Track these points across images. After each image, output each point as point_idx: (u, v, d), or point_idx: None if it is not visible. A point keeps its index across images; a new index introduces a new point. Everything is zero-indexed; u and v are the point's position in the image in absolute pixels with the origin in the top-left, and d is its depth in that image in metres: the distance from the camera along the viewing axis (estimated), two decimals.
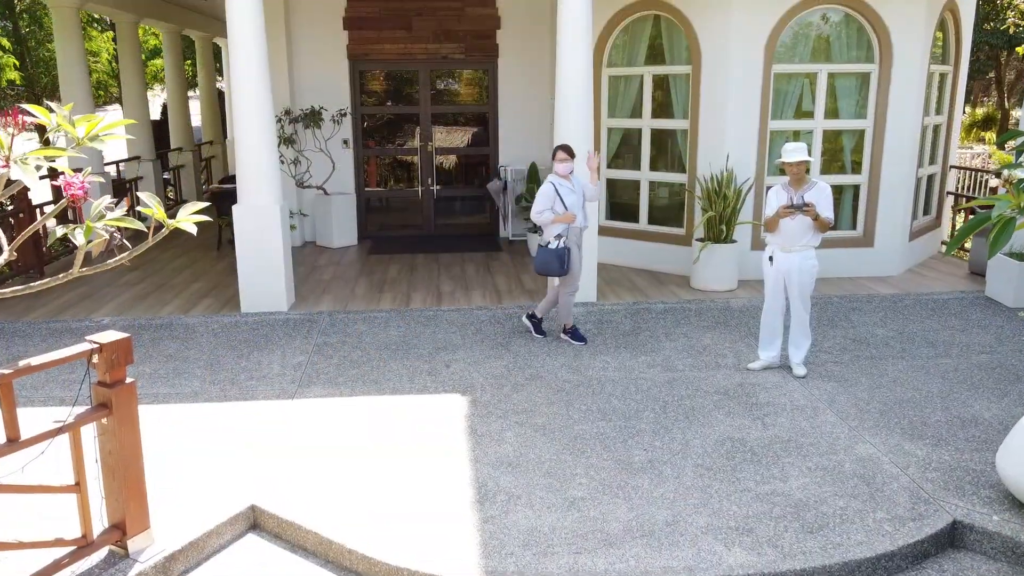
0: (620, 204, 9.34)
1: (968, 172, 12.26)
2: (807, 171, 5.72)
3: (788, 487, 4.36)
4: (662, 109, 8.87)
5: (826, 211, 5.59)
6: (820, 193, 5.62)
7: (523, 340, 6.78)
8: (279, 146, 10.13)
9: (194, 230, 3.02)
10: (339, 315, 7.51)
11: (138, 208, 12.95)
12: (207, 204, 3.11)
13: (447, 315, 7.49)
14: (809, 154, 5.71)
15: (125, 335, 3.64)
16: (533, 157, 10.97)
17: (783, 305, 5.95)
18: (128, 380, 3.66)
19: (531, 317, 6.91)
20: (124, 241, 3.02)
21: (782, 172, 8.62)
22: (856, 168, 8.67)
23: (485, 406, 5.47)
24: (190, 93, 23.83)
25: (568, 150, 6.48)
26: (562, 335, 6.81)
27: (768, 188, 8.43)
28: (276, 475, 4.53)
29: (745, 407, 5.42)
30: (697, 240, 8.30)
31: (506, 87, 10.94)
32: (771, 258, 5.84)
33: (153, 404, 5.51)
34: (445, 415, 5.33)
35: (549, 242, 6.48)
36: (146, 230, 3.02)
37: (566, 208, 6.40)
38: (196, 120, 20.50)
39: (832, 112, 8.45)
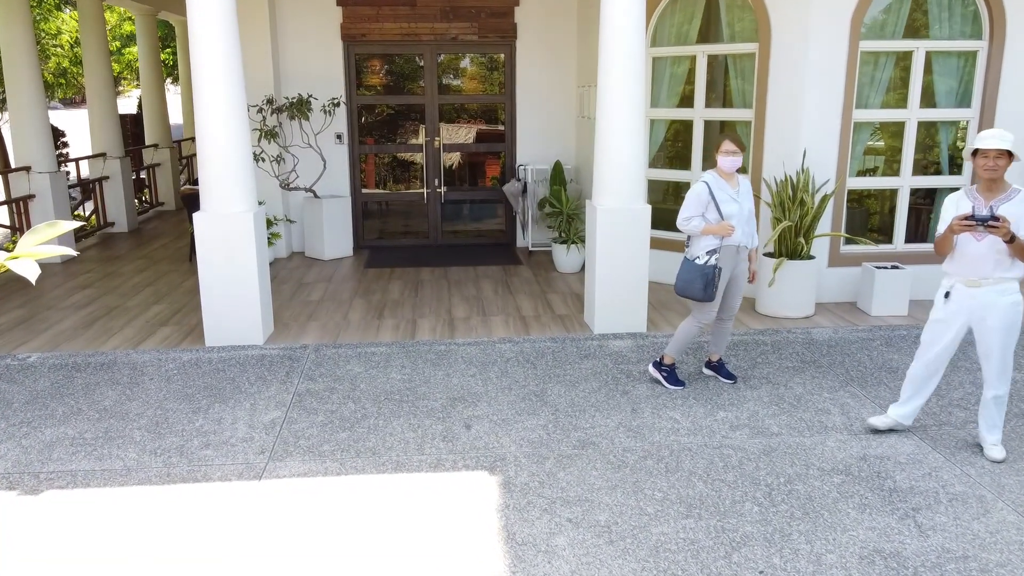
0: (667, 211, 7.81)
1: None
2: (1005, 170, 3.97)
3: None
4: (719, 97, 7.38)
5: None
6: (1023, 205, 3.99)
7: (561, 387, 5.29)
8: (260, 140, 8.64)
9: (33, 275, 1.74)
10: (328, 350, 6.01)
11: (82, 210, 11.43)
12: (80, 224, 1.78)
13: (463, 350, 6.00)
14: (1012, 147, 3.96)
15: None
16: (557, 155, 9.49)
17: (950, 357, 4.35)
18: None
19: (708, 364, 5.49)
20: None
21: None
22: (955, 168, 7.17)
23: (523, 491, 3.99)
24: (175, 86, 22.39)
25: (739, 142, 4.97)
26: (651, 368, 5.38)
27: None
28: None
29: (882, 496, 3.93)
30: (766, 255, 6.81)
31: (526, 73, 9.45)
32: (947, 294, 4.23)
33: (65, 490, 4.01)
34: (468, 507, 3.83)
35: (697, 256, 5.00)
36: None
37: (722, 217, 4.94)
38: (178, 116, 19.03)
39: (928, 99, 6.96)
